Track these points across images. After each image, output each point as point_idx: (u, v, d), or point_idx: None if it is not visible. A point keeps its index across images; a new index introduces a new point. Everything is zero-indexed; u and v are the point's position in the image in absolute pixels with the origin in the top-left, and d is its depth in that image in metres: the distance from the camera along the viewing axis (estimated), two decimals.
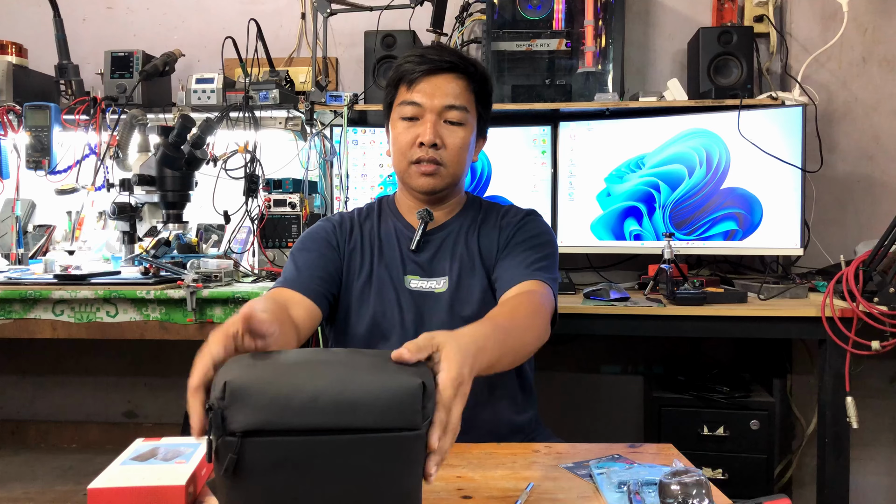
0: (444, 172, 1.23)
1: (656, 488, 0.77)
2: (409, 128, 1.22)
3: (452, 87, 1.22)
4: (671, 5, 2.45)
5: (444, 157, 1.22)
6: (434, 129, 1.20)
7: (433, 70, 1.21)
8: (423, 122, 1.21)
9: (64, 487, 2.37)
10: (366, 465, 0.63)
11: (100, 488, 0.76)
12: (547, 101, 2.19)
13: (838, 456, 1.79)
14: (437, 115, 1.21)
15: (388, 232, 1.29)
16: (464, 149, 1.24)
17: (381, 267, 1.26)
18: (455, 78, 1.22)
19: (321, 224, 1.31)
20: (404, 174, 1.25)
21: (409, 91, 1.22)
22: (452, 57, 1.23)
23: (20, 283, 1.82)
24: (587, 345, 2.49)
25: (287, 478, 0.63)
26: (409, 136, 1.22)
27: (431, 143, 1.20)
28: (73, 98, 2.23)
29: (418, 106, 1.21)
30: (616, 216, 2.19)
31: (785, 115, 2.04)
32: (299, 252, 1.25)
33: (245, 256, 2.19)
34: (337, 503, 0.64)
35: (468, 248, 1.27)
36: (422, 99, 1.21)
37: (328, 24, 2.23)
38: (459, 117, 1.22)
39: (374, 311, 1.23)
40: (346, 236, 1.29)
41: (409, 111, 1.22)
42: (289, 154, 2.37)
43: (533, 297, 1.11)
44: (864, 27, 2.36)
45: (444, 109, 1.21)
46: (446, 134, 1.22)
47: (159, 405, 2.72)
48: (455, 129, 1.22)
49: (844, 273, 1.71)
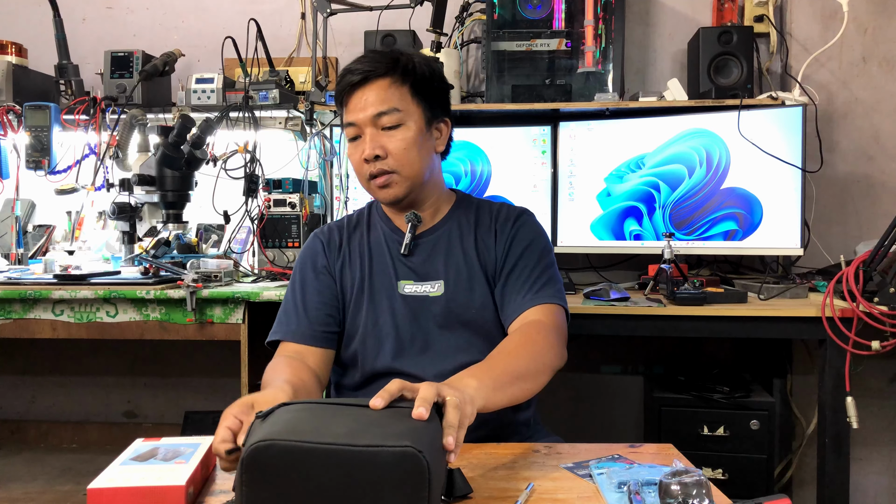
0: (397, 179, 1.21)
1: (656, 488, 0.77)
2: (356, 147, 1.22)
3: (377, 92, 1.19)
4: (671, 5, 2.45)
5: (392, 165, 1.20)
6: (372, 143, 1.19)
7: (354, 85, 1.19)
8: (364, 138, 1.20)
9: (64, 487, 2.37)
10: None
11: (100, 488, 0.76)
12: (547, 101, 2.19)
13: (838, 456, 1.79)
14: (373, 126, 1.19)
15: (378, 240, 1.29)
16: (409, 149, 1.20)
17: (373, 275, 1.26)
18: (378, 82, 1.19)
19: (311, 245, 1.31)
20: (368, 191, 1.26)
21: (345, 111, 1.22)
22: (366, 64, 1.20)
23: (20, 283, 1.82)
24: (587, 345, 2.49)
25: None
26: (357, 156, 1.22)
27: (373, 157, 1.19)
28: (73, 98, 2.23)
29: (353, 125, 1.21)
30: (616, 216, 2.19)
31: (785, 115, 2.04)
32: (299, 289, 1.26)
33: (245, 256, 2.19)
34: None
35: (465, 253, 1.26)
36: (353, 117, 1.20)
37: (328, 24, 2.23)
38: (392, 120, 1.19)
39: (367, 319, 1.23)
40: (335, 254, 1.29)
41: (350, 132, 1.22)
42: (289, 154, 2.37)
43: (540, 329, 1.14)
44: (864, 27, 2.36)
45: (375, 118, 1.19)
46: (386, 141, 1.20)
47: (159, 405, 2.72)
48: (392, 132, 1.20)
49: (844, 273, 1.71)
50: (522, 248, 1.25)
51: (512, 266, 1.24)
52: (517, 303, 1.20)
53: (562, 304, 1.22)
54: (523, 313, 1.18)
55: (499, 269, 1.26)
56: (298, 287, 1.27)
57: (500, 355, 1.06)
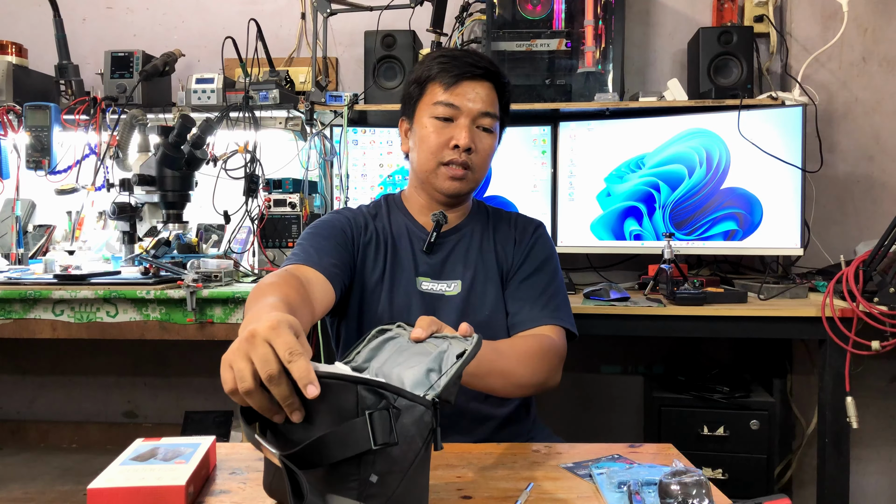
0: (471, 177, 1.24)
1: (656, 488, 0.77)
2: (441, 128, 1.21)
3: (488, 93, 1.22)
4: (671, 5, 2.45)
5: (474, 162, 1.23)
6: (469, 134, 1.21)
7: (472, 75, 1.21)
8: (458, 126, 1.21)
9: (64, 487, 2.37)
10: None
11: (100, 488, 0.76)
12: (547, 101, 2.19)
13: (838, 456, 1.79)
14: (472, 120, 1.21)
15: (400, 231, 1.28)
16: (489, 156, 1.26)
17: (394, 265, 1.25)
18: (489, 85, 1.23)
19: (334, 215, 1.28)
20: (430, 174, 1.24)
21: (446, 92, 1.21)
22: (489, 64, 1.24)
23: (20, 283, 1.82)
24: (587, 345, 2.49)
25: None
26: (441, 137, 1.21)
27: (467, 147, 1.20)
28: (73, 98, 2.23)
29: (455, 108, 1.21)
30: (616, 216, 2.19)
31: (785, 115, 2.04)
32: (313, 237, 1.20)
33: (245, 256, 2.19)
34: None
35: (483, 255, 1.28)
36: (460, 102, 1.20)
37: (328, 24, 2.23)
38: (491, 124, 1.23)
39: (384, 310, 1.22)
40: (361, 230, 1.26)
41: (443, 112, 1.21)
42: (289, 154, 2.37)
43: (544, 342, 1.15)
44: (864, 27, 2.36)
45: (479, 115, 1.21)
46: (478, 139, 1.23)
47: (159, 405, 2.72)
48: (486, 135, 1.24)
49: (844, 273, 1.71)
50: (541, 261, 1.28)
51: (528, 274, 1.26)
52: (534, 313, 1.22)
53: (573, 330, 1.25)
54: (539, 327, 1.20)
55: (514, 272, 1.28)
56: (312, 236, 1.20)
57: (509, 351, 1.09)
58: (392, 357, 0.83)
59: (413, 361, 0.79)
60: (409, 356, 0.81)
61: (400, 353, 0.83)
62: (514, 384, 1.07)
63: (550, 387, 1.15)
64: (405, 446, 0.67)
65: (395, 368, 0.79)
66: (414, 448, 0.68)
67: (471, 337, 0.81)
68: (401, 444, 0.66)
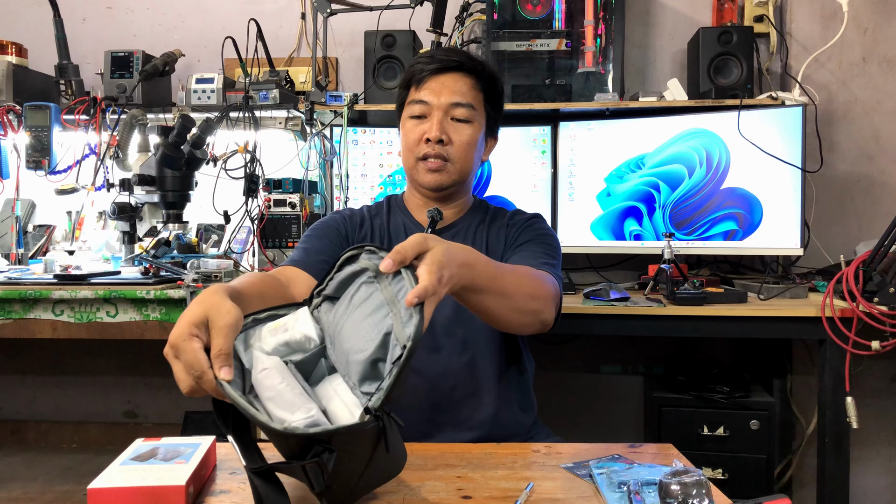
0: (450, 169, 1.25)
1: (656, 488, 0.77)
2: (417, 125, 1.25)
3: (459, 85, 1.24)
4: (671, 5, 2.45)
5: (450, 154, 1.24)
6: (440, 126, 1.22)
7: (440, 69, 1.24)
8: (430, 120, 1.24)
9: (64, 487, 2.37)
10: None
11: (100, 488, 0.76)
12: (547, 101, 2.19)
13: (838, 456, 1.79)
14: (444, 113, 1.23)
15: (398, 228, 1.31)
16: (470, 146, 1.26)
17: None
18: (462, 76, 1.25)
19: (331, 215, 1.34)
20: (412, 171, 1.28)
21: (418, 90, 1.25)
22: (460, 56, 1.26)
23: (20, 283, 1.82)
24: (587, 345, 2.49)
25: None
26: (416, 134, 1.25)
27: (437, 139, 1.22)
28: (73, 98, 2.23)
29: (425, 104, 1.24)
30: (616, 216, 2.19)
31: (785, 115, 2.04)
32: (308, 239, 1.27)
33: (245, 256, 2.19)
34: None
35: (475, 245, 1.27)
36: (428, 97, 1.24)
37: (328, 24, 2.23)
38: (466, 115, 1.24)
39: None
40: (356, 228, 1.30)
41: (417, 109, 1.25)
42: (289, 154, 2.37)
43: (541, 272, 1.11)
44: (864, 27, 2.36)
45: (450, 107, 1.23)
46: (452, 131, 1.24)
47: (159, 405, 2.72)
48: (461, 126, 1.25)
49: (844, 273, 1.71)
50: (533, 235, 1.27)
51: (523, 243, 1.26)
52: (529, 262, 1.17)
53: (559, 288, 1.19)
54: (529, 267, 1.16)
55: (509, 248, 1.27)
56: (307, 238, 1.26)
57: (509, 270, 1.02)
58: (350, 313, 0.80)
59: (364, 331, 0.76)
60: (362, 317, 0.77)
61: (356, 306, 0.79)
62: (509, 307, 1.00)
63: (543, 321, 1.08)
64: (349, 461, 0.69)
65: (347, 343, 0.78)
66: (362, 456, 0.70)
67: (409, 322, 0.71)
68: (345, 461, 0.67)
